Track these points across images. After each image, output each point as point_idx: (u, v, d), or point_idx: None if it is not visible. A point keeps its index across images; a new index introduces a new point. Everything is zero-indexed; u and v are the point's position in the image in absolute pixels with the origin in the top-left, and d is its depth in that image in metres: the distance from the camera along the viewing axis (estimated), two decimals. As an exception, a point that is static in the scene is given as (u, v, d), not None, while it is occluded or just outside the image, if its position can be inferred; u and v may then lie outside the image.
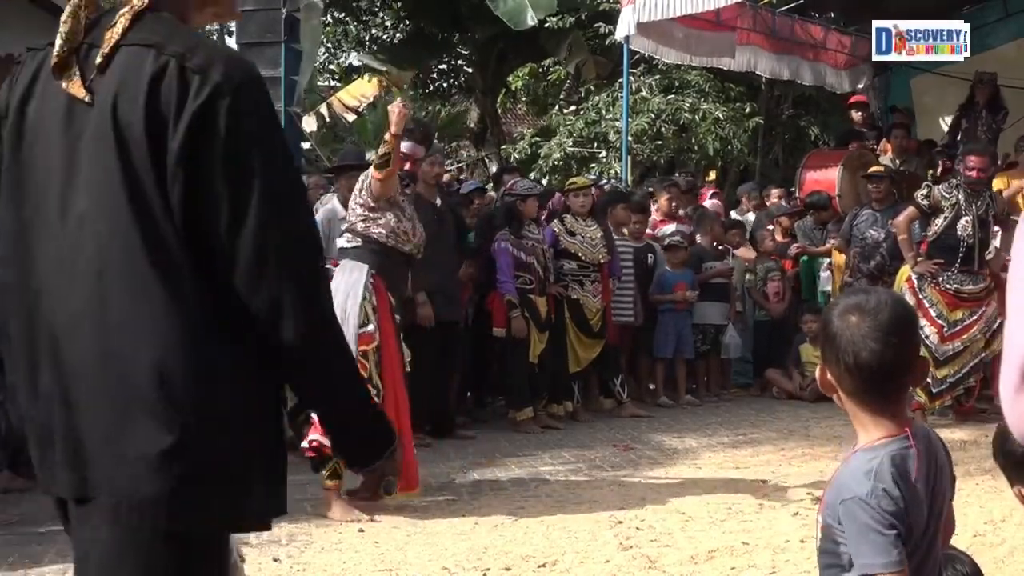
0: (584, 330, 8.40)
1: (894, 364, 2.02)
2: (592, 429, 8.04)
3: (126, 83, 1.77)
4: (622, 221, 9.01)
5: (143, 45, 1.78)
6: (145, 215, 1.75)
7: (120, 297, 1.77)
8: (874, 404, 2.06)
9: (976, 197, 7.86)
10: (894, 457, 2.03)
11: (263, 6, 10.94)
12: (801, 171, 11.59)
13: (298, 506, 5.64)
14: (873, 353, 2.01)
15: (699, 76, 14.43)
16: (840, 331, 2.05)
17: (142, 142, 1.75)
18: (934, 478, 2.09)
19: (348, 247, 5.55)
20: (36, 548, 4.78)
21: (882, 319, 2.03)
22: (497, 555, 4.59)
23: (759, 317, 10.01)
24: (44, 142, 1.84)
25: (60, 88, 1.82)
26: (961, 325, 7.78)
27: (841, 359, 2.04)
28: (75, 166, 1.80)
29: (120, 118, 1.76)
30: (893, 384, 2.06)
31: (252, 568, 4.52)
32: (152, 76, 1.75)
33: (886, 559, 1.97)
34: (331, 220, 7.43)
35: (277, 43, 10.89)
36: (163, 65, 1.75)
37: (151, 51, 1.77)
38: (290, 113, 11.02)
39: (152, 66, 1.76)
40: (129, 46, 1.79)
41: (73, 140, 1.80)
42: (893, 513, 1.98)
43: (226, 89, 1.74)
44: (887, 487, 1.98)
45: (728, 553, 4.57)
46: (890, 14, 11.64)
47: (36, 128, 1.85)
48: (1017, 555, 4.52)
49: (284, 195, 1.80)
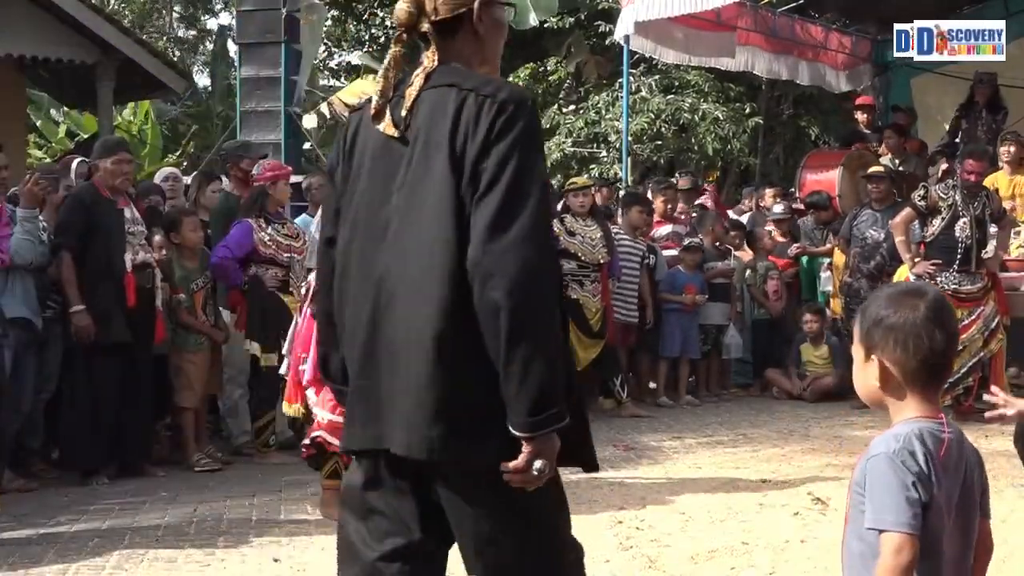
0: (584, 330, 8.39)
1: (950, 348, 2.13)
2: (592, 429, 8.00)
3: (434, 115, 2.29)
4: (637, 224, 9.02)
5: (445, 86, 2.31)
6: (448, 215, 2.21)
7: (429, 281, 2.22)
8: (925, 389, 2.13)
9: (973, 198, 7.87)
10: (924, 431, 2.08)
11: (263, 6, 10.95)
12: (801, 171, 11.58)
13: (298, 506, 5.64)
14: (940, 338, 2.10)
15: (699, 76, 14.42)
16: (904, 318, 2.11)
17: (444, 160, 2.23)
18: (964, 476, 2.13)
19: None
20: (36, 548, 4.79)
21: (939, 305, 2.14)
22: (497, 555, 4.58)
23: (759, 316, 10.00)
24: (366, 174, 2.39)
25: (377, 130, 2.37)
26: (960, 325, 7.79)
27: (911, 344, 2.10)
28: (393, 181, 2.32)
29: (429, 145, 2.27)
30: (944, 369, 2.15)
31: (252, 568, 4.52)
32: (456, 106, 2.26)
33: (899, 518, 1.99)
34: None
35: (277, 43, 10.89)
36: (463, 97, 2.26)
37: (453, 89, 2.29)
38: (290, 113, 11.03)
39: (456, 99, 2.27)
40: (432, 88, 2.32)
41: (390, 169, 2.34)
42: (917, 475, 2.01)
43: (506, 106, 2.23)
44: (913, 450, 2.03)
45: (728, 553, 4.57)
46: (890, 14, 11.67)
47: (360, 165, 2.41)
48: (1017, 555, 4.52)
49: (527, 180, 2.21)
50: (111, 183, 6.29)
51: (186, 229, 6.81)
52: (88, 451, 6.22)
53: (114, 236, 6.22)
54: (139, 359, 6.37)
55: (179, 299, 6.74)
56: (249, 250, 6.75)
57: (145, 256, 6.39)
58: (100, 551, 4.73)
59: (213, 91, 21.22)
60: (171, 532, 5.11)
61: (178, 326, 6.75)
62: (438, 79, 2.32)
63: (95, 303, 6.10)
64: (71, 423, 6.23)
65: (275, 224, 6.87)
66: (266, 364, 6.71)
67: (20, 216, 5.97)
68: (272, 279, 6.76)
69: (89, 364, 6.17)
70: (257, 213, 6.83)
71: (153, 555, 4.68)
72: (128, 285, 6.20)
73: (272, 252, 6.78)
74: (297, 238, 6.95)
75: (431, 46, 2.37)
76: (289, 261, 6.84)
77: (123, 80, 12.11)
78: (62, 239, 6.16)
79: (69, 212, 6.25)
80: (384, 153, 2.36)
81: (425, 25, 2.36)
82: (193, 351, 6.77)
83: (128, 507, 5.63)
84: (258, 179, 6.95)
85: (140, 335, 6.30)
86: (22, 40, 11.30)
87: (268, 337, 6.70)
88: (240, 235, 6.78)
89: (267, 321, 6.72)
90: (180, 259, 6.85)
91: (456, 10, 2.35)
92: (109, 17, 12.56)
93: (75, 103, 16.19)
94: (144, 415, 6.50)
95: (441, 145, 2.24)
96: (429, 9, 2.35)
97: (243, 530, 5.13)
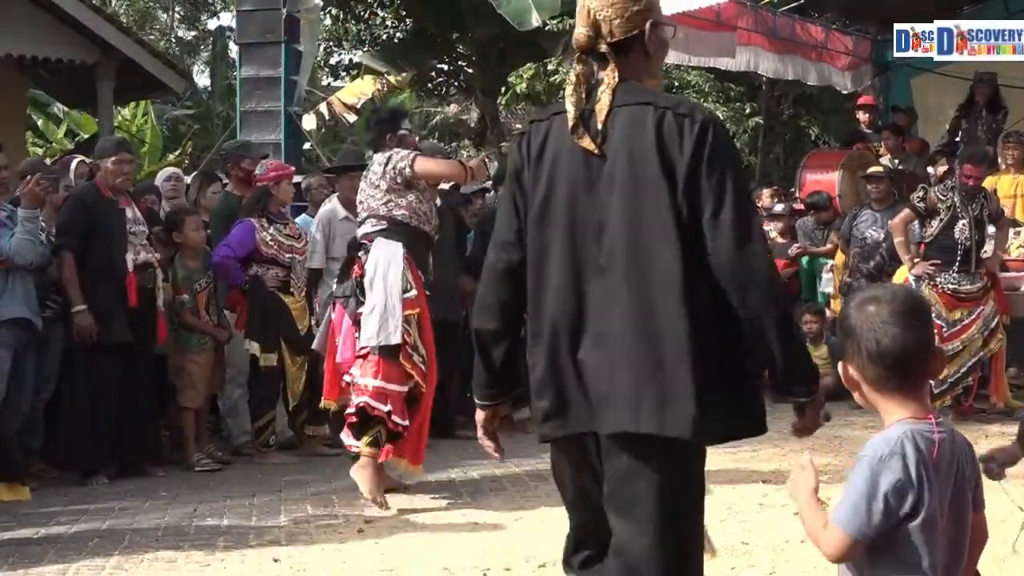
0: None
1: (914, 349, 2.10)
2: (592, 429, 8.02)
3: (633, 130, 2.58)
4: None
5: (640, 104, 2.60)
6: (660, 216, 2.52)
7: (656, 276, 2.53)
8: (898, 392, 2.13)
9: (971, 199, 7.88)
10: (916, 433, 2.08)
11: (263, 6, 10.94)
12: (801, 171, 11.56)
13: (298, 506, 5.64)
14: (894, 338, 2.09)
15: (698, 76, 14.42)
16: (860, 322, 2.12)
17: (656, 169, 2.53)
18: (956, 473, 2.13)
19: (373, 230, 5.57)
20: (36, 548, 4.79)
21: (898, 305, 2.12)
22: (497, 555, 4.59)
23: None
24: (565, 180, 2.64)
25: (574, 143, 2.63)
26: (960, 325, 7.79)
27: (864, 348, 2.11)
28: (595, 192, 2.60)
29: (633, 155, 2.56)
30: (914, 371, 2.13)
31: (252, 568, 4.52)
32: (655, 123, 2.56)
33: (853, 520, 2.05)
34: (331, 220, 7.43)
35: (277, 43, 10.88)
36: (661, 115, 2.57)
37: (649, 107, 2.59)
38: (290, 113, 11.02)
39: (653, 117, 2.57)
40: (625, 106, 2.60)
41: (592, 176, 2.61)
42: (897, 486, 2.03)
43: (707, 126, 2.57)
44: (904, 455, 2.04)
45: (728, 553, 4.57)
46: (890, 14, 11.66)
47: (554, 172, 2.66)
48: (1018, 555, 4.51)
49: (744, 192, 2.61)
50: (112, 182, 6.30)
51: (188, 228, 6.81)
52: (88, 451, 6.22)
53: (115, 236, 6.22)
54: (139, 359, 6.37)
55: (183, 300, 6.74)
56: (251, 250, 6.75)
57: (147, 256, 6.40)
58: (100, 551, 4.73)
59: (213, 91, 21.23)
60: (171, 532, 5.11)
61: (181, 327, 6.76)
62: (625, 97, 2.62)
63: (96, 303, 6.10)
64: (71, 423, 6.23)
65: (277, 224, 6.87)
66: (265, 364, 6.71)
67: (21, 216, 5.97)
68: (273, 279, 6.75)
69: (89, 364, 6.18)
70: (259, 213, 6.83)
71: (153, 555, 4.69)
72: (130, 285, 6.20)
73: (274, 252, 6.78)
74: (299, 239, 6.95)
75: (609, 64, 2.65)
76: (290, 261, 6.84)
77: (123, 80, 12.11)
78: (64, 239, 6.16)
79: (71, 212, 6.26)
80: (581, 163, 2.63)
81: (603, 46, 2.65)
82: (196, 351, 6.77)
83: (128, 507, 5.63)
84: (261, 179, 6.95)
85: (141, 335, 6.31)
86: (22, 40, 11.30)
87: (268, 337, 6.71)
88: (242, 234, 6.78)
89: (267, 321, 6.72)
90: (183, 259, 6.85)
91: (630, 32, 2.66)
92: (109, 17, 12.55)
93: (75, 103, 16.18)
94: (144, 415, 6.50)
95: (648, 158, 2.55)
96: (605, 32, 2.65)
97: (243, 530, 5.13)
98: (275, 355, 6.72)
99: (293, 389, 6.82)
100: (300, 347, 6.77)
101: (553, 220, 2.65)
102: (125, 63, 11.75)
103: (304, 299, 6.93)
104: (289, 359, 6.77)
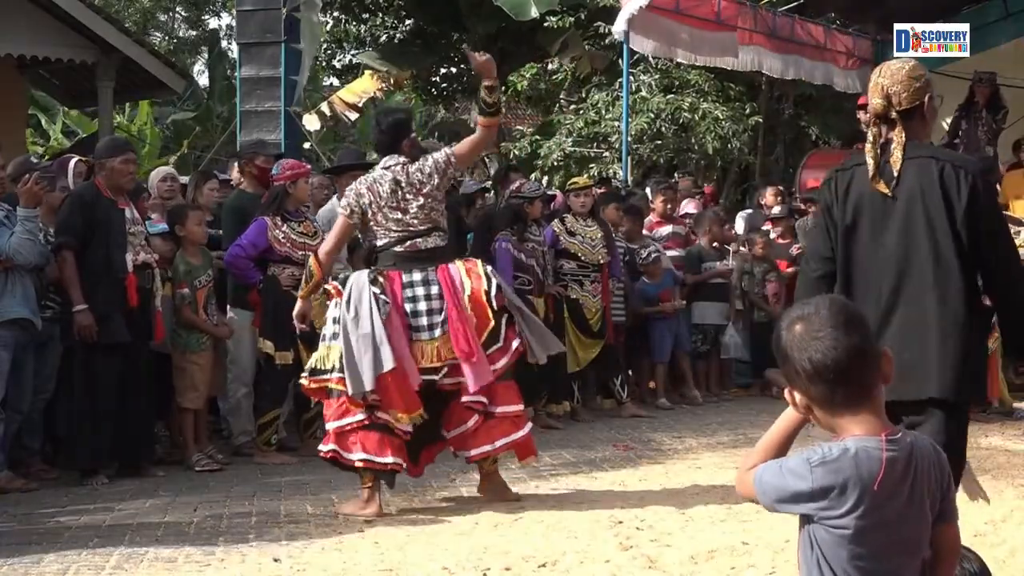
0: (583, 330, 8.40)
1: (848, 358, 2.03)
2: (592, 429, 8.04)
3: (921, 179, 3.52)
4: (614, 221, 9.01)
5: (925, 157, 3.55)
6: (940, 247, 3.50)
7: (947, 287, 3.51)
8: (846, 408, 2.07)
9: None
10: (861, 450, 2.03)
11: (263, 6, 10.95)
12: (801, 171, 11.59)
13: (298, 506, 5.64)
14: (826, 351, 2.03)
15: (699, 76, 14.40)
16: (790, 343, 2.07)
17: (941, 211, 3.48)
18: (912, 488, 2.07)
19: (443, 245, 5.58)
20: (36, 548, 4.79)
21: (824, 316, 2.05)
22: (497, 555, 4.59)
23: (760, 318, 10.01)
24: (866, 216, 3.61)
25: (873, 188, 3.58)
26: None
27: (799, 368, 2.06)
28: (888, 224, 3.57)
29: (925, 200, 3.50)
30: (855, 380, 2.06)
31: (252, 568, 4.52)
32: (939, 174, 3.50)
33: (767, 488, 2.12)
34: (331, 221, 7.43)
35: (277, 43, 10.89)
36: (942, 168, 3.51)
37: (932, 160, 3.54)
38: (290, 113, 11.03)
39: (936, 168, 3.51)
40: (913, 159, 3.53)
41: (886, 214, 3.58)
42: (796, 494, 2.06)
43: (976, 178, 3.52)
44: (839, 468, 2.02)
45: (728, 553, 4.57)
46: (889, 14, 11.68)
47: (857, 207, 3.62)
48: (1018, 555, 4.52)
49: (1006, 234, 3.63)
50: (117, 182, 6.30)
51: (191, 223, 6.81)
52: (88, 451, 6.22)
53: (115, 236, 6.22)
54: (138, 359, 6.37)
55: (183, 294, 6.73)
56: (264, 248, 6.75)
57: (146, 256, 6.40)
58: (100, 551, 4.73)
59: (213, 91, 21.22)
60: (171, 532, 5.11)
61: (180, 324, 6.75)
62: (912, 152, 3.55)
63: (96, 303, 6.10)
64: (71, 423, 6.23)
65: (292, 222, 6.86)
66: (282, 362, 6.70)
67: (20, 215, 5.96)
68: (288, 278, 6.74)
69: (88, 364, 6.17)
70: (275, 211, 6.82)
71: (153, 555, 4.68)
72: (130, 285, 6.20)
73: (287, 250, 6.77)
74: (315, 236, 6.91)
75: (897, 127, 3.57)
76: (304, 259, 6.81)
77: (123, 80, 12.12)
78: (63, 239, 6.16)
79: (70, 211, 6.25)
80: (879, 205, 3.59)
81: (893, 113, 3.57)
82: (196, 352, 6.77)
83: (128, 507, 5.63)
84: (278, 179, 6.93)
85: (140, 335, 6.30)
86: (22, 40, 11.30)
87: (282, 336, 6.68)
88: (254, 233, 6.77)
89: (280, 321, 6.69)
90: (184, 254, 6.85)
91: (914, 103, 3.59)
92: (109, 17, 12.55)
93: (75, 103, 16.19)
94: (144, 415, 6.50)
95: (934, 200, 3.49)
96: (895, 103, 3.58)
97: (243, 530, 5.13)
98: (291, 353, 6.71)
99: (304, 387, 6.81)
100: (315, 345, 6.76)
101: (858, 241, 3.62)
102: (125, 63, 11.75)
103: (322, 296, 6.88)
104: (307, 357, 6.75)
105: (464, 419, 5.49)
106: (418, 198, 5.49)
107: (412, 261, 5.49)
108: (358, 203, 5.54)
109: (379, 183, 5.52)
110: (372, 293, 5.34)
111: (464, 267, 5.55)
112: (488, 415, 5.49)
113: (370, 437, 5.37)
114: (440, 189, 5.56)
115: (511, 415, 5.54)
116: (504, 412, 5.51)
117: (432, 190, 5.51)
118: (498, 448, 5.52)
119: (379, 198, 5.49)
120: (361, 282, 5.39)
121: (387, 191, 5.49)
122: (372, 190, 5.52)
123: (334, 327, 5.42)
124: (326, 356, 5.45)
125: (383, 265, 5.52)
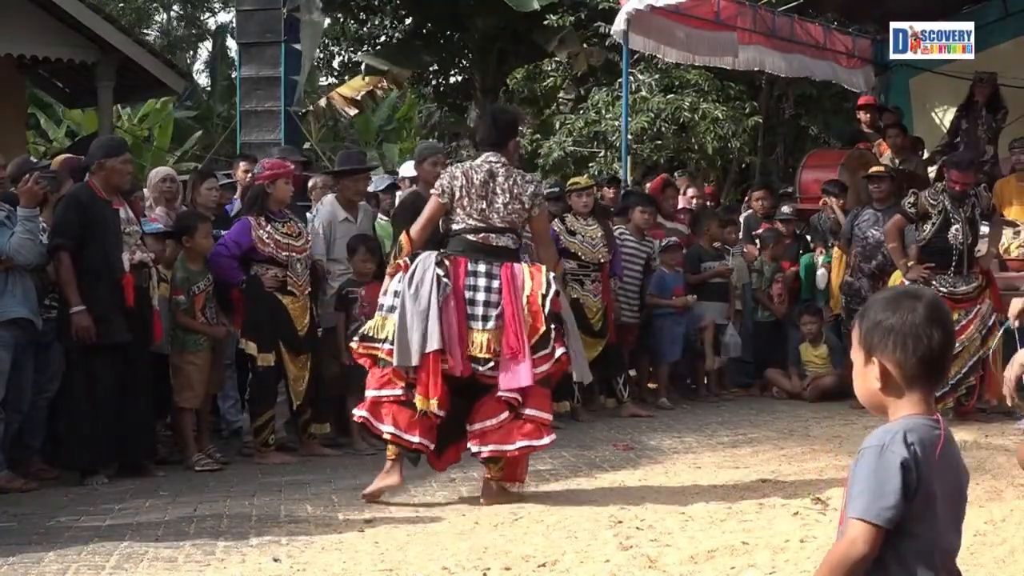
0: (585, 329, 8.38)
1: (947, 347, 2.19)
2: (592, 429, 8.03)
3: None
4: (641, 224, 9.03)
5: None
6: None
7: None
8: (919, 389, 2.18)
9: (962, 201, 7.90)
10: (919, 426, 2.14)
11: (263, 6, 10.97)
12: (801, 171, 11.58)
13: (298, 506, 5.64)
14: (943, 336, 2.17)
15: (699, 75, 14.39)
16: (900, 321, 2.17)
17: None
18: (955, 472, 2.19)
19: (515, 247, 5.72)
20: (36, 548, 4.79)
21: (936, 306, 2.20)
22: (497, 555, 4.59)
23: (763, 318, 10.01)
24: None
25: None
26: (958, 326, 7.78)
27: (911, 345, 2.16)
28: None
29: None
30: (940, 370, 2.21)
31: (252, 568, 4.52)
32: None
33: (870, 507, 2.05)
34: (331, 222, 7.44)
35: (277, 43, 10.91)
36: None
37: None
38: (290, 112, 11.04)
39: None
40: None
41: None
42: (903, 466, 2.06)
43: None
44: (907, 442, 2.09)
45: (728, 553, 4.57)
46: (889, 14, 11.67)
47: None
48: (1017, 555, 4.52)
49: None
50: (116, 182, 6.31)
51: (199, 235, 6.81)
52: (88, 451, 6.22)
53: (110, 236, 6.21)
54: (137, 358, 6.37)
55: (178, 301, 6.74)
56: (247, 247, 6.75)
57: (142, 256, 6.39)
58: (100, 551, 4.73)
59: (213, 91, 21.24)
60: (171, 532, 5.11)
61: (176, 327, 6.75)
62: None
63: (93, 303, 6.09)
64: (71, 423, 6.22)
65: (276, 222, 6.86)
66: (263, 364, 6.70)
67: (21, 215, 5.96)
68: (272, 280, 6.74)
69: (88, 364, 6.17)
70: (257, 211, 6.82)
71: (153, 555, 4.68)
72: (127, 285, 6.20)
73: (271, 251, 6.76)
74: (298, 237, 6.92)
75: None
76: (288, 260, 6.81)
77: (123, 80, 12.12)
78: (59, 240, 6.15)
79: (65, 212, 6.24)
80: None
81: None
82: (193, 352, 6.77)
83: (128, 507, 5.63)
84: (258, 178, 6.95)
85: (138, 335, 6.30)
86: (22, 40, 11.30)
87: (265, 338, 6.70)
88: (238, 232, 6.78)
89: (262, 322, 6.71)
90: (185, 261, 6.84)
91: None
92: (109, 17, 12.55)
93: (75, 103, 16.20)
94: (144, 415, 6.50)
95: None
96: None
97: (243, 530, 5.13)
98: (272, 355, 6.71)
99: (296, 389, 6.82)
100: (299, 347, 6.77)
101: None
102: (125, 63, 11.76)
103: (305, 298, 6.89)
104: (289, 359, 6.76)
105: (493, 413, 5.51)
106: (505, 196, 5.59)
107: (480, 252, 5.57)
108: (451, 185, 5.61)
109: (475, 170, 5.62)
110: (436, 274, 5.41)
111: (529, 270, 5.61)
112: (517, 415, 5.51)
113: (403, 413, 5.46)
114: (523, 210, 5.64)
115: (539, 420, 5.54)
116: (532, 415, 5.51)
117: (519, 200, 5.61)
118: (515, 450, 5.51)
119: (471, 183, 5.58)
120: (428, 262, 5.47)
121: (480, 180, 5.58)
122: (467, 175, 5.61)
123: (394, 299, 5.48)
124: (380, 326, 5.52)
125: (452, 250, 5.58)
